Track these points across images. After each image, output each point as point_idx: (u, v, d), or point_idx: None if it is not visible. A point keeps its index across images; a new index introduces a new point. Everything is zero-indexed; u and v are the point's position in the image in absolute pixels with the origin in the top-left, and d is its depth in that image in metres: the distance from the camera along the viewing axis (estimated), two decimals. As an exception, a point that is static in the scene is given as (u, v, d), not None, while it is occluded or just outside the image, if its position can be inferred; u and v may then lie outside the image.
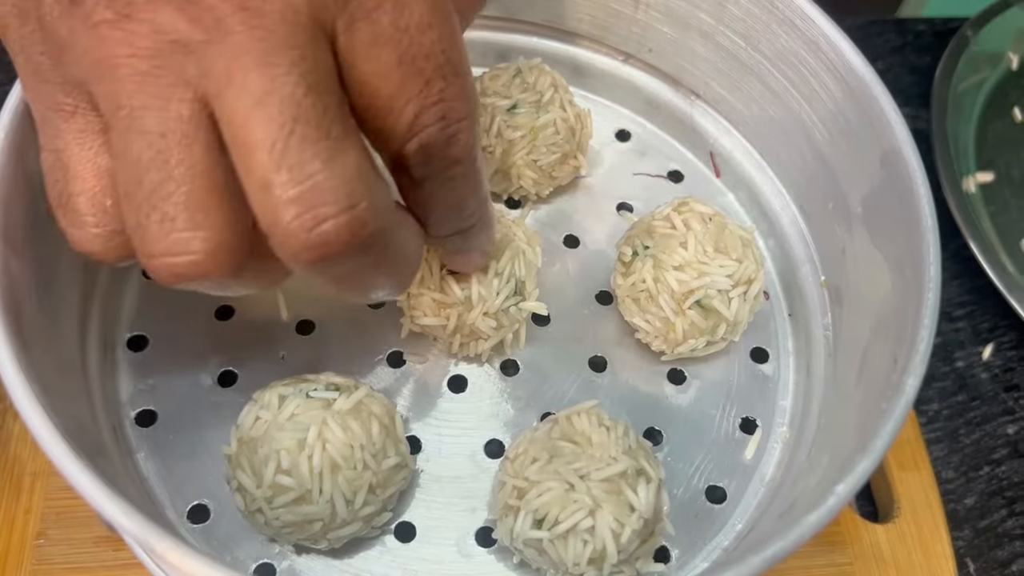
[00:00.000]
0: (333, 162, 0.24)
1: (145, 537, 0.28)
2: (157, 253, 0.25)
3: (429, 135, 0.27)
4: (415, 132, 0.27)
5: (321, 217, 0.24)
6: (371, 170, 0.26)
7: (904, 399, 0.33)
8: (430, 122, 0.27)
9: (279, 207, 0.24)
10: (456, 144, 0.28)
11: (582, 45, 0.53)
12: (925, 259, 0.36)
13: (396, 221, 0.29)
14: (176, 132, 0.25)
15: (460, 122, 0.28)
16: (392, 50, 0.26)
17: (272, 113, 0.24)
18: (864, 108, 0.41)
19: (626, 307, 0.43)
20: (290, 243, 0.25)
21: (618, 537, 0.35)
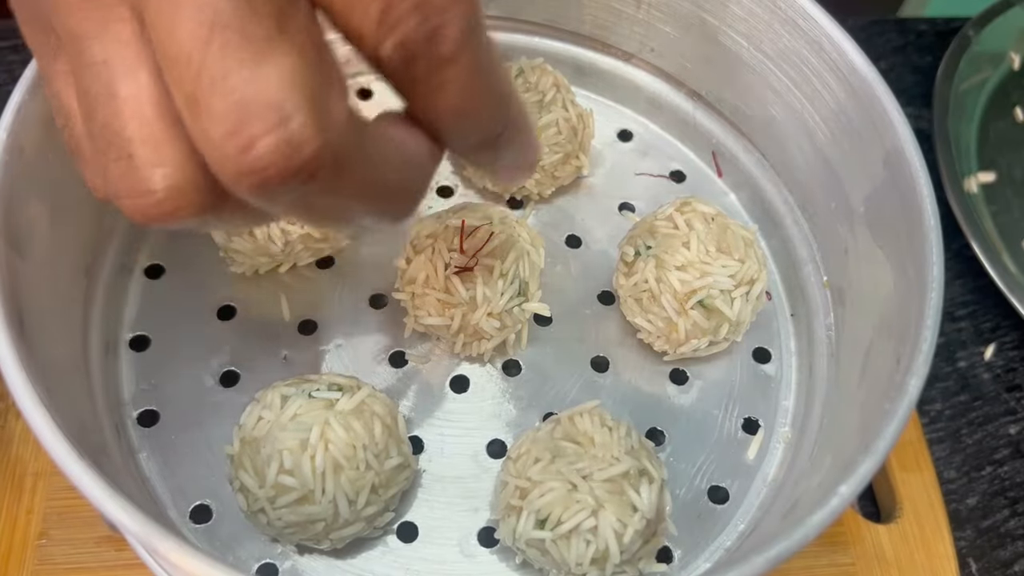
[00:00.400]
0: (259, 69, 0.21)
1: (147, 537, 0.28)
2: (122, 194, 0.23)
3: (403, 33, 0.22)
4: (385, 31, 0.22)
5: (249, 137, 0.21)
6: (316, 73, 0.22)
7: (907, 399, 0.33)
8: (402, 16, 0.22)
9: (206, 127, 0.21)
10: (442, 40, 0.23)
11: (584, 45, 0.53)
12: (928, 259, 0.36)
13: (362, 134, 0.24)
14: (117, 58, 0.22)
15: (445, 12, 0.23)
16: None
17: (189, 16, 0.20)
18: (867, 108, 0.41)
19: (628, 307, 0.43)
20: (225, 170, 0.22)
21: (621, 537, 0.35)
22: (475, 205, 0.43)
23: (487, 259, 0.40)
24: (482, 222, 0.41)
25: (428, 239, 0.41)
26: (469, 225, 0.41)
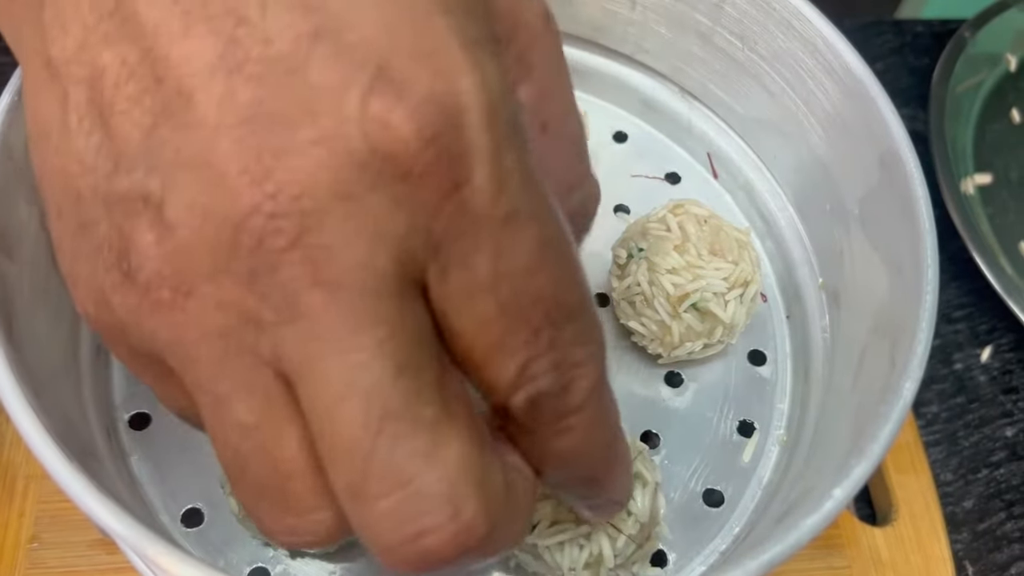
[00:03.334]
0: (432, 460, 0.21)
1: (137, 542, 0.27)
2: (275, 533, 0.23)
3: (538, 388, 0.23)
4: (520, 386, 0.23)
5: (422, 530, 0.21)
6: (480, 455, 0.22)
7: (902, 403, 0.33)
8: (539, 373, 0.23)
9: (371, 520, 0.21)
10: (573, 392, 0.23)
11: (578, 46, 0.52)
12: (923, 261, 0.36)
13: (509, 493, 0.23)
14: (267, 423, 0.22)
15: (577, 368, 0.23)
16: (491, 300, 0.22)
17: (356, 410, 0.20)
18: (862, 109, 0.41)
19: (622, 310, 0.43)
20: (387, 557, 0.22)
21: (614, 541, 0.34)
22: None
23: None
24: (476, 224, 0.41)
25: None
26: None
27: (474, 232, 0.21)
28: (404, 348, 0.21)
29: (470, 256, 0.21)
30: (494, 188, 0.21)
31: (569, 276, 0.23)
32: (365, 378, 0.20)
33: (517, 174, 0.22)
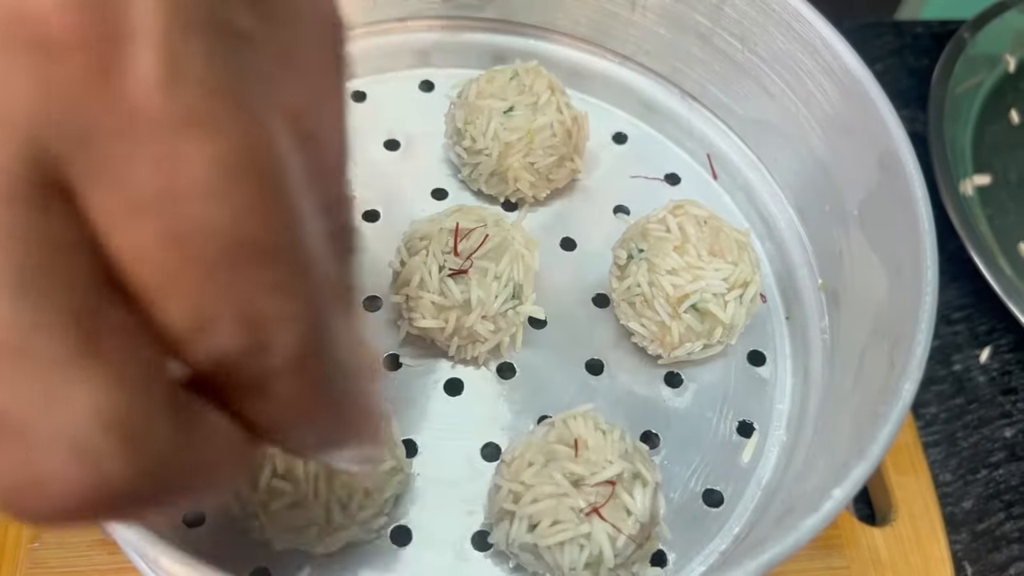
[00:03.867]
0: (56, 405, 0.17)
1: (139, 543, 0.27)
2: None
3: (217, 344, 0.18)
4: (197, 338, 0.18)
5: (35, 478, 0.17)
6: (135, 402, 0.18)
7: (901, 404, 0.33)
8: (218, 326, 0.18)
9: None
10: (272, 354, 0.19)
11: (579, 47, 0.53)
12: (923, 262, 0.36)
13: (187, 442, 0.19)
14: None
15: (278, 323, 0.19)
16: (150, 223, 0.17)
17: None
18: (861, 110, 0.41)
19: (622, 310, 0.43)
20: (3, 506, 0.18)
21: (614, 541, 0.34)
22: (469, 207, 0.43)
23: (481, 261, 0.40)
24: (476, 224, 0.41)
25: (422, 241, 0.41)
26: (463, 228, 0.41)
27: (132, 132, 0.17)
28: (25, 269, 0.17)
29: (126, 162, 0.17)
30: (161, 80, 0.17)
31: (269, 210, 0.18)
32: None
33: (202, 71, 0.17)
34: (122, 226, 0.17)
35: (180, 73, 0.17)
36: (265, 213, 0.18)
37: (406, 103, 0.53)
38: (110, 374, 0.17)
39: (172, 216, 0.17)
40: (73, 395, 0.17)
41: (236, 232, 0.18)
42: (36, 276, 0.17)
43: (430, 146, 0.51)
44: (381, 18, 0.52)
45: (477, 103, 0.46)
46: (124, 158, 0.17)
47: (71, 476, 0.17)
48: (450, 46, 0.53)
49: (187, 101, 0.17)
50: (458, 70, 0.54)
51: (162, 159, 0.17)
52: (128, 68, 0.16)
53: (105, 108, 0.16)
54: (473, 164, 0.47)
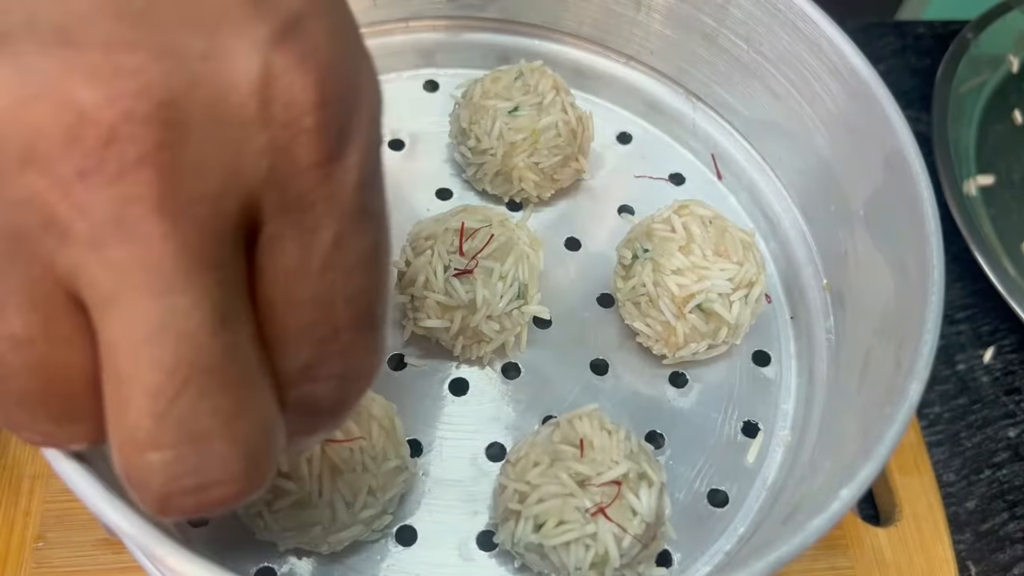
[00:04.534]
0: (235, 421, 0.20)
1: (145, 541, 0.27)
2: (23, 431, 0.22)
3: (316, 392, 0.22)
4: (303, 382, 0.22)
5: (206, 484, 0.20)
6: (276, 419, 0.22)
7: (907, 404, 0.33)
8: (324, 377, 0.22)
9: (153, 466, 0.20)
10: (342, 409, 0.24)
11: (583, 47, 0.53)
12: (928, 262, 0.36)
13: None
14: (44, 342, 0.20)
15: (358, 381, 0.23)
16: (310, 287, 0.21)
17: (164, 355, 0.19)
18: (867, 110, 0.41)
19: (627, 310, 0.43)
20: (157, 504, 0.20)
21: (620, 541, 0.34)
22: (474, 207, 0.43)
23: (486, 261, 0.40)
24: (481, 224, 0.41)
25: (427, 241, 0.41)
26: (468, 227, 0.41)
27: (327, 209, 0.20)
28: (230, 299, 0.20)
29: (312, 233, 0.20)
30: (362, 176, 0.21)
31: (384, 288, 0.23)
32: (182, 323, 0.19)
33: (378, 175, 0.22)
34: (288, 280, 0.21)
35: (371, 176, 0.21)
36: (381, 291, 0.23)
37: (411, 103, 0.53)
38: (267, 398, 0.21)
39: (329, 280, 0.21)
40: (251, 411, 0.20)
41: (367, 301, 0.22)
42: (232, 307, 0.20)
43: (435, 146, 0.51)
44: (384, 18, 0.52)
45: (482, 103, 0.46)
46: (314, 226, 0.20)
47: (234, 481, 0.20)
48: (454, 46, 0.53)
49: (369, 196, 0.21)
50: (463, 70, 0.54)
51: (342, 234, 0.21)
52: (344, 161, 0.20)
53: (317, 184, 0.20)
54: (478, 164, 0.47)
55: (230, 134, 0.19)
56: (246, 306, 0.20)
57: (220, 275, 0.19)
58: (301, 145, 0.20)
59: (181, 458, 0.20)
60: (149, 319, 0.19)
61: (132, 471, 0.20)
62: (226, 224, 0.19)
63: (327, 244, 0.21)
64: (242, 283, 0.20)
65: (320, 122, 0.20)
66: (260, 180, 0.20)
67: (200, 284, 0.19)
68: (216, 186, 0.19)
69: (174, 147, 0.18)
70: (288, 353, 0.21)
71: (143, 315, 0.19)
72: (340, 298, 0.21)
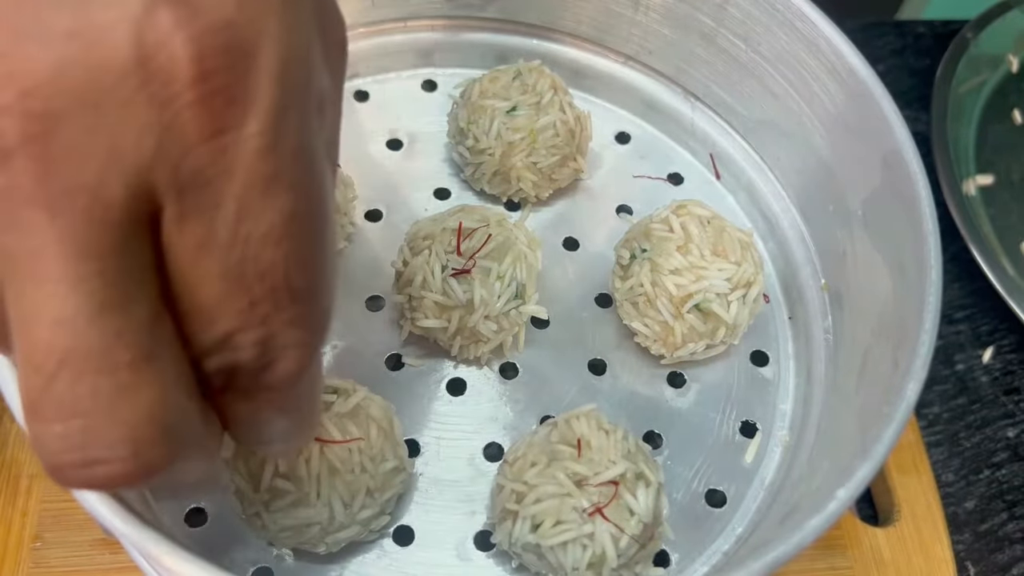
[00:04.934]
0: (116, 404, 0.20)
1: (142, 541, 0.27)
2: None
3: (236, 358, 0.22)
4: (218, 352, 0.22)
5: (91, 460, 0.20)
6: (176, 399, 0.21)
7: (905, 404, 0.33)
8: (240, 346, 0.22)
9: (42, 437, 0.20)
10: (272, 372, 0.23)
11: (582, 47, 0.53)
12: (926, 262, 0.36)
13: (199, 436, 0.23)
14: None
15: (285, 350, 0.22)
16: (219, 262, 0.20)
17: (42, 336, 0.19)
18: (865, 110, 0.41)
19: (625, 310, 0.43)
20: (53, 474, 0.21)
21: (617, 541, 0.34)
22: (472, 207, 0.43)
23: (484, 261, 0.40)
24: (479, 224, 0.41)
25: (425, 241, 0.41)
26: (466, 227, 0.41)
27: (225, 184, 0.20)
28: (113, 287, 0.20)
29: (213, 209, 0.20)
30: (263, 145, 0.20)
31: (308, 258, 0.22)
32: (56, 310, 0.19)
33: (293, 139, 0.21)
34: (195, 256, 0.20)
35: (277, 141, 0.20)
36: (307, 261, 0.22)
37: (409, 103, 0.53)
38: (163, 379, 0.21)
39: (238, 254, 0.20)
40: (136, 394, 0.20)
41: (282, 274, 0.21)
42: (120, 292, 0.20)
43: (433, 146, 0.51)
44: (382, 18, 0.52)
45: (480, 103, 0.46)
46: (214, 202, 0.20)
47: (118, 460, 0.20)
48: (453, 46, 0.53)
49: (276, 164, 0.20)
50: (461, 70, 0.54)
51: (245, 207, 0.20)
52: (239, 131, 0.19)
53: (211, 159, 0.19)
54: (476, 164, 0.47)
55: (107, 117, 0.18)
56: (144, 289, 0.20)
57: (103, 264, 0.19)
58: (185, 122, 0.19)
59: (66, 434, 0.20)
60: (30, 303, 0.19)
61: (29, 434, 0.21)
62: (111, 212, 0.19)
63: (230, 219, 0.20)
64: (140, 267, 0.20)
65: (203, 95, 0.19)
66: (148, 161, 0.19)
67: (77, 273, 0.19)
68: (95, 174, 0.19)
69: (42, 137, 0.18)
70: (204, 326, 0.21)
71: (26, 299, 0.19)
72: (251, 272, 0.21)
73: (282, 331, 0.22)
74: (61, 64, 0.18)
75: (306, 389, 0.25)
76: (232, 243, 0.20)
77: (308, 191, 0.21)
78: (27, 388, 0.20)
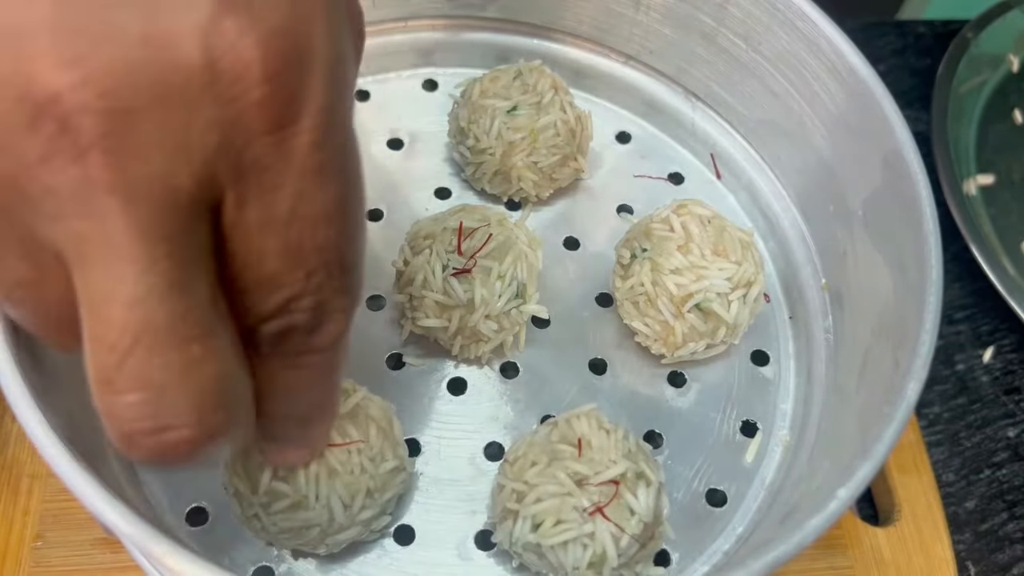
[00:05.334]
0: (185, 375, 0.22)
1: (142, 541, 0.27)
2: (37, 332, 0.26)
3: (293, 321, 0.25)
4: (278, 316, 0.24)
5: (162, 427, 0.23)
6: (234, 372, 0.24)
7: (906, 403, 0.33)
8: (298, 310, 0.24)
9: (114, 407, 0.22)
10: (321, 333, 0.25)
11: (583, 47, 0.53)
12: (927, 261, 0.36)
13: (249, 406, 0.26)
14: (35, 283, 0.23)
15: (334, 313, 0.25)
16: (280, 238, 0.23)
17: (117, 315, 0.21)
18: (866, 110, 0.41)
19: (625, 310, 0.43)
20: (122, 443, 0.23)
21: (618, 541, 0.34)
22: (473, 207, 0.43)
23: (485, 261, 0.40)
24: (480, 224, 0.41)
25: (426, 240, 0.41)
26: (467, 227, 0.41)
27: (284, 171, 0.22)
28: (181, 267, 0.21)
29: (273, 192, 0.22)
30: (317, 138, 0.22)
31: (354, 235, 0.25)
32: (130, 290, 0.21)
33: (341, 132, 0.23)
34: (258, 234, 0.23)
35: (328, 134, 0.22)
36: (353, 237, 0.25)
37: (409, 102, 0.53)
38: (221, 351, 0.23)
39: (296, 232, 0.23)
40: (202, 366, 0.22)
41: (334, 248, 0.24)
42: (187, 273, 0.22)
43: (433, 145, 0.51)
44: (383, 18, 0.52)
45: (481, 102, 0.46)
46: (273, 187, 0.22)
47: (186, 427, 0.23)
48: (453, 45, 0.53)
49: (328, 154, 0.23)
50: (461, 69, 0.54)
51: (301, 192, 0.22)
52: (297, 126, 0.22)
53: (271, 150, 0.22)
54: (477, 163, 0.47)
55: (176, 114, 0.20)
56: (205, 270, 0.22)
57: (172, 246, 0.21)
58: (250, 118, 0.21)
59: (139, 403, 0.22)
60: (103, 285, 0.21)
61: (102, 407, 0.23)
62: (179, 198, 0.21)
63: (288, 201, 0.22)
64: (202, 249, 0.22)
65: (267, 95, 0.21)
66: (212, 153, 0.21)
67: (149, 255, 0.21)
68: (165, 164, 0.21)
69: (119, 133, 0.20)
70: (267, 295, 0.24)
71: (99, 281, 0.21)
72: (309, 246, 0.23)
73: (333, 297, 0.25)
74: (135, 66, 0.20)
75: (341, 354, 0.27)
76: (290, 223, 0.23)
77: (353, 176, 0.24)
78: (101, 365, 0.22)
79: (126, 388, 0.22)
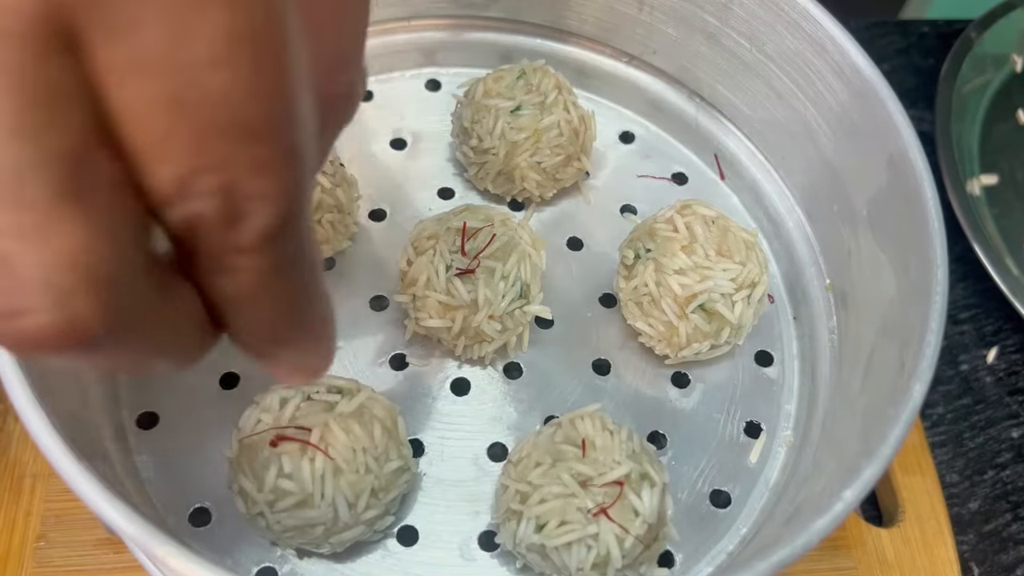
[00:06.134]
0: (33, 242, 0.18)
1: (146, 541, 0.27)
2: None
3: (196, 207, 0.19)
4: (176, 199, 0.19)
5: (14, 310, 0.18)
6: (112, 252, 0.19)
7: (911, 405, 0.33)
8: (199, 192, 0.19)
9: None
10: (242, 229, 0.20)
11: (586, 47, 0.53)
12: (932, 262, 0.36)
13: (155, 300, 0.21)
14: None
15: (252, 201, 0.19)
16: (157, 82, 0.18)
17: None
18: (870, 110, 0.41)
19: (629, 310, 0.43)
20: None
21: (622, 542, 0.34)
22: (476, 207, 0.43)
23: (488, 261, 0.40)
24: (483, 224, 0.41)
25: (429, 241, 0.41)
26: (470, 227, 0.41)
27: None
28: (24, 110, 0.17)
29: (145, 23, 0.17)
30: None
31: (265, 89, 0.19)
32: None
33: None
34: (124, 82, 0.18)
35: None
36: (263, 91, 0.19)
37: (413, 102, 0.53)
38: (91, 223, 0.18)
39: (174, 79, 0.18)
40: (52, 236, 0.18)
41: (232, 104, 0.18)
42: (33, 117, 0.17)
43: (437, 145, 0.51)
44: (386, 17, 0.52)
45: (484, 102, 0.46)
46: (138, 17, 0.17)
47: (44, 311, 0.18)
48: (457, 45, 0.53)
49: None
50: (465, 69, 0.53)
51: (176, 22, 0.17)
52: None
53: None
54: (480, 163, 0.47)
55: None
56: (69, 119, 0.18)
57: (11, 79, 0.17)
58: None
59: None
60: None
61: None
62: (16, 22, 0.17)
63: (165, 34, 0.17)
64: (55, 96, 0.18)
65: None
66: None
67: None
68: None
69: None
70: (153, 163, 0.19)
71: None
72: (193, 97, 0.18)
73: (246, 179, 0.19)
74: None
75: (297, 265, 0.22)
76: (164, 63, 0.18)
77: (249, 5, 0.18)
78: None
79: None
